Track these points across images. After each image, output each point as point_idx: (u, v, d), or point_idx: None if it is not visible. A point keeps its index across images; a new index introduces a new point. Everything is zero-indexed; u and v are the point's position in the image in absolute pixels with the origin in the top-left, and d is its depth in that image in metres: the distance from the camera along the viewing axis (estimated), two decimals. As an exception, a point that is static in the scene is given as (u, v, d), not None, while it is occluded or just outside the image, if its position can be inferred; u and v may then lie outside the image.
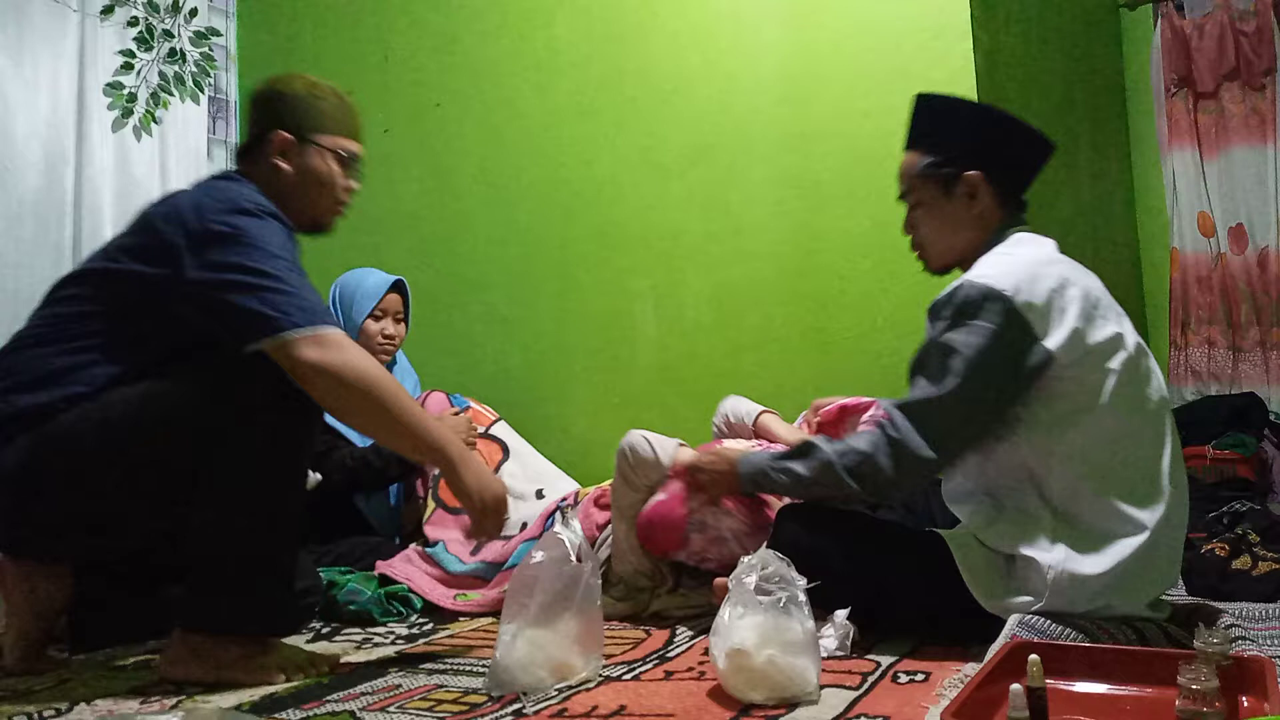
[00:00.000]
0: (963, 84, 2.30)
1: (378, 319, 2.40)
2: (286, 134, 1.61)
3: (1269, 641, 1.39)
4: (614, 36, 2.77)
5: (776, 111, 2.54)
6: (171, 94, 3.21)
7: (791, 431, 2.02)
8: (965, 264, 1.55)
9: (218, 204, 1.47)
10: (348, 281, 2.47)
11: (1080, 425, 1.39)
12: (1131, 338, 1.45)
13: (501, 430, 2.62)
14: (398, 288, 2.45)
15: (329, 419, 1.69)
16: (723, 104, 2.62)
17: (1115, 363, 1.39)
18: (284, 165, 1.61)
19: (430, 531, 2.33)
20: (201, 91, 3.30)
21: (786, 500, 1.70)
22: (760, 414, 2.06)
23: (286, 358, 1.41)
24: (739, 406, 2.13)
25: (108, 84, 3.02)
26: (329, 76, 3.20)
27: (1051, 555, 1.36)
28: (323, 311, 1.45)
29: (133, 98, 3.09)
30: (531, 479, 2.52)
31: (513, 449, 2.58)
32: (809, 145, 2.48)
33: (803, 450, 1.55)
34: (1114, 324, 1.43)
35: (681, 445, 1.86)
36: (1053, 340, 1.38)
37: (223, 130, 3.45)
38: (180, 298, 1.45)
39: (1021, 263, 1.45)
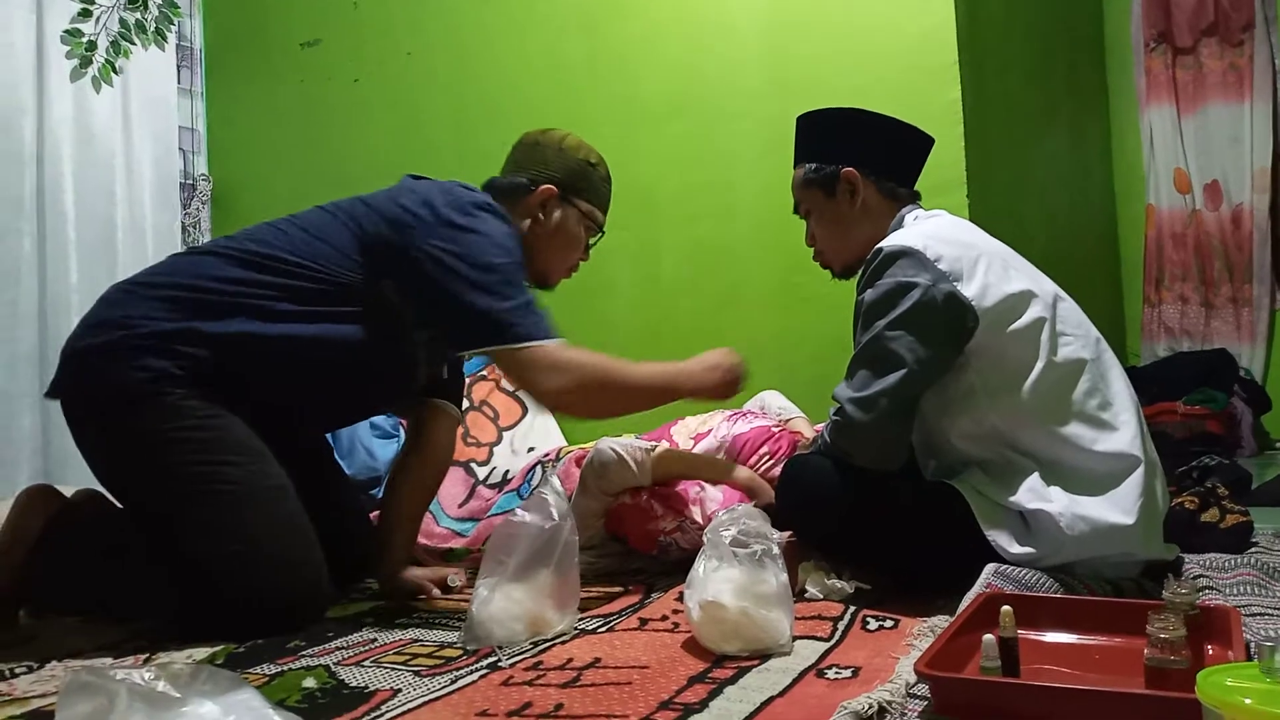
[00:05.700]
0: (944, 36, 2.27)
1: None
2: (554, 188, 1.68)
3: (1234, 591, 1.41)
4: (589, -16, 2.72)
5: (755, 63, 2.51)
6: (133, 42, 3.13)
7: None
8: None
9: (464, 195, 1.58)
10: None
11: (1035, 374, 1.40)
12: (1049, 286, 1.48)
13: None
14: None
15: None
16: (700, 54, 2.58)
17: (1040, 309, 1.42)
18: (541, 215, 1.70)
19: None
20: (165, 39, 3.22)
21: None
22: (793, 419, 2.02)
23: (521, 380, 1.53)
24: (775, 402, 2.09)
25: (65, 30, 2.94)
26: (298, 23, 3.18)
27: (1055, 505, 1.35)
28: (543, 318, 1.51)
29: (92, 46, 3.01)
30: (534, 439, 2.55)
31: (531, 410, 2.62)
32: (787, 98, 2.44)
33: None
34: (1027, 278, 1.46)
35: (652, 451, 1.79)
36: (969, 289, 1.40)
37: (188, 80, 3.36)
38: (397, 268, 1.52)
39: (926, 230, 1.50)
